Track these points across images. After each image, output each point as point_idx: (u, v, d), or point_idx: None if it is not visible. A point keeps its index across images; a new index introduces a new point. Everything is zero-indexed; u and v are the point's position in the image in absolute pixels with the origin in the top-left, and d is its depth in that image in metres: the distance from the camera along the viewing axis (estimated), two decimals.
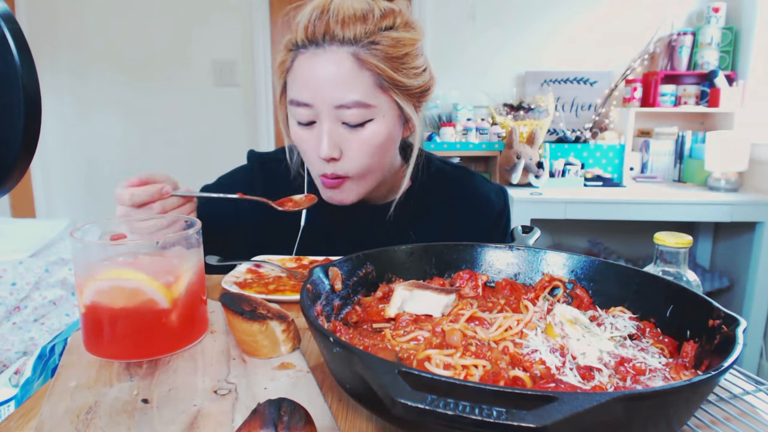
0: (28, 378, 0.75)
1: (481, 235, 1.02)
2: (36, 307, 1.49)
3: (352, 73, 0.78)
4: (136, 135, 3.14)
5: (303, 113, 0.82)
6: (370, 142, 0.83)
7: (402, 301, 0.61)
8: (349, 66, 0.78)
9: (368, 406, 0.45)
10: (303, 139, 0.85)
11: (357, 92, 0.79)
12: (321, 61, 0.79)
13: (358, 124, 0.82)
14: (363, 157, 0.84)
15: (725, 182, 2.46)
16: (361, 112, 0.80)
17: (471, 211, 1.02)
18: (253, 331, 0.56)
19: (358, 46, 0.79)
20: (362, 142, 0.83)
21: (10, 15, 0.47)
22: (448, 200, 1.02)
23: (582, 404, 0.33)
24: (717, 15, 2.63)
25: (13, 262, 1.48)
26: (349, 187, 0.87)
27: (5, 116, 0.47)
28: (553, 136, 2.83)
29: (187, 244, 0.60)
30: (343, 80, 0.78)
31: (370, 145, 0.83)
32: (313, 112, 0.81)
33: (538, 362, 0.49)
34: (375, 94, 0.81)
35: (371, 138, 0.83)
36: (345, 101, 0.79)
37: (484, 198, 1.04)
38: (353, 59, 0.78)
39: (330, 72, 0.78)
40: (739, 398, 0.53)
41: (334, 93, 0.79)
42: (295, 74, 0.83)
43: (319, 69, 0.79)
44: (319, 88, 0.79)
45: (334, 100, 0.79)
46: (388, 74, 0.80)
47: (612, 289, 0.65)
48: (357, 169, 0.85)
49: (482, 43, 2.84)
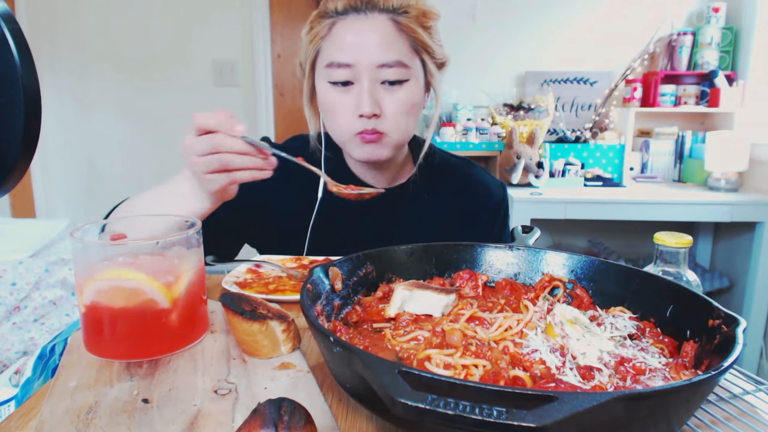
0: (29, 378, 0.75)
1: (482, 223, 1.07)
2: (36, 307, 1.49)
3: (393, 36, 0.88)
4: (136, 135, 3.13)
5: (342, 74, 0.89)
6: (406, 100, 0.91)
7: (402, 301, 0.61)
8: (390, 29, 0.88)
9: (368, 405, 0.45)
10: (338, 102, 0.91)
11: (398, 53, 0.88)
12: (364, 26, 0.87)
13: (395, 83, 0.89)
14: (399, 115, 0.91)
15: (725, 182, 2.46)
16: (400, 72, 0.89)
17: (472, 198, 1.07)
18: (253, 331, 0.56)
19: (395, 14, 0.88)
20: (399, 101, 0.90)
21: (10, 15, 0.47)
22: (451, 188, 1.07)
23: (582, 404, 0.33)
24: (717, 15, 2.63)
25: (13, 262, 1.48)
26: (386, 142, 0.94)
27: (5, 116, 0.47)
28: (553, 136, 2.83)
29: (187, 244, 0.60)
30: (386, 42, 0.87)
31: (405, 103, 0.91)
32: (352, 73, 0.88)
33: (538, 362, 0.49)
34: (411, 57, 0.90)
35: (406, 97, 0.91)
36: (387, 60, 0.87)
37: (485, 187, 1.09)
38: (393, 24, 0.88)
39: (373, 35, 0.87)
40: (739, 398, 0.53)
41: (377, 53, 0.87)
42: (334, 38, 0.89)
43: (363, 32, 0.87)
44: (363, 50, 0.87)
45: (377, 59, 0.87)
46: (421, 39, 0.90)
47: (612, 289, 0.65)
48: (394, 126, 0.92)
49: (482, 43, 2.84)
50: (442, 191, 1.06)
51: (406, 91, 0.91)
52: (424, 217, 1.05)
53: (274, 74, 3.11)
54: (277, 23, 3.06)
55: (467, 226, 1.07)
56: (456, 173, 1.09)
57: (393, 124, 0.92)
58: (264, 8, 2.98)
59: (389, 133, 0.92)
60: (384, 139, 0.93)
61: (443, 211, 1.06)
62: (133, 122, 3.12)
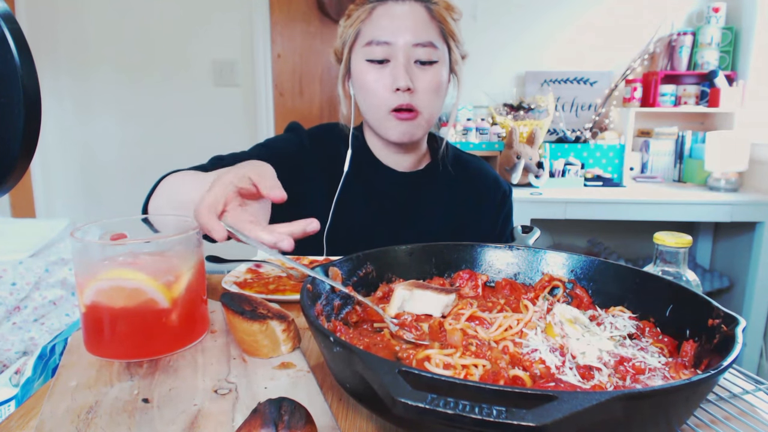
0: (29, 378, 0.75)
1: (490, 211, 1.14)
2: (36, 307, 1.49)
3: (426, 20, 0.98)
4: (136, 135, 3.13)
5: (380, 51, 0.98)
6: (435, 80, 0.99)
7: (402, 300, 0.61)
8: (424, 14, 0.99)
9: (368, 405, 0.45)
10: (374, 79, 0.99)
11: (430, 36, 0.98)
12: (402, 10, 0.98)
13: (427, 62, 0.98)
14: (430, 92, 1.00)
15: (725, 182, 2.46)
16: (431, 52, 0.98)
17: (482, 187, 1.16)
18: (253, 331, 0.56)
19: (428, 2, 1.00)
20: (429, 80, 0.99)
21: (10, 15, 0.47)
22: (463, 176, 1.15)
23: (582, 403, 0.33)
24: (717, 15, 2.63)
25: (13, 262, 1.48)
26: (419, 121, 1.01)
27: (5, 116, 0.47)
28: (553, 136, 2.83)
29: (187, 244, 0.60)
30: (420, 25, 0.97)
31: (435, 82, 0.99)
32: (389, 50, 0.97)
33: (538, 361, 0.49)
34: (440, 42, 1.00)
35: (435, 77, 0.99)
36: (421, 40, 0.97)
37: (493, 178, 1.18)
38: (426, 10, 0.99)
39: (410, 18, 0.97)
40: (739, 397, 0.53)
41: (414, 33, 0.97)
42: (374, 21, 0.99)
43: (401, 15, 0.97)
44: (400, 30, 0.97)
45: (413, 38, 0.97)
46: (449, 27, 1.01)
47: (612, 288, 0.65)
48: (426, 103, 1.00)
49: (482, 43, 2.84)
50: (455, 179, 1.14)
51: (435, 71, 0.99)
52: (438, 202, 1.12)
53: (274, 74, 3.11)
54: (277, 23, 3.06)
55: (476, 212, 1.14)
56: (467, 165, 1.17)
57: (425, 100, 1.00)
58: (264, 8, 2.98)
59: (422, 109, 1.00)
60: (417, 117, 1.01)
61: (455, 197, 1.13)
62: (133, 122, 3.12)
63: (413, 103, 0.99)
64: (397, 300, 0.61)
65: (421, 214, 1.11)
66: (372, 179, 1.10)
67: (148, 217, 0.73)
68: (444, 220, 1.11)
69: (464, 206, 1.13)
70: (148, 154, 3.14)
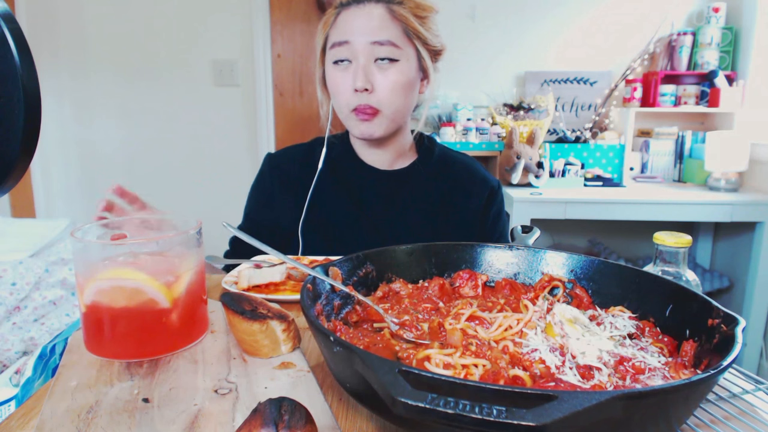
0: (29, 378, 0.75)
1: (477, 207, 1.14)
2: (36, 307, 1.49)
3: (386, 20, 1.00)
4: (136, 135, 3.13)
5: (341, 51, 1.00)
6: (396, 79, 1.00)
7: (249, 277, 0.80)
8: (383, 15, 1.00)
9: (369, 405, 0.45)
10: (338, 79, 1.02)
11: (390, 34, 0.99)
12: (361, 12, 1.00)
13: (387, 60, 1.00)
14: (390, 92, 1.01)
15: (725, 182, 2.46)
16: (392, 50, 0.99)
17: (469, 184, 1.16)
18: (253, 331, 0.56)
19: (391, 3, 1.00)
20: (390, 80, 1.00)
21: (10, 15, 0.47)
22: (450, 174, 1.16)
23: (581, 403, 0.33)
24: (717, 15, 2.63)
25: (13, 262, 1.48)
26: (378, 121, 1.03)
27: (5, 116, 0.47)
28: (553, 136, 2.83)
29: (188, 244, 0.60)
30: (378, 25, 0.99)
31: (395, 82, 1.00)
32: (350, 51, 1.00)
33: (538, 361, 0.49)
34: (403, 41, 1.01)
35: (397, 76, 1.00)
36: (380, 38, 0.98)
37: (481, 175, 1.18)
38: (386, 11, 1.00)
39: (369, 19, 0.99)
40: (739, 397, 0.53)
41: (371, 32, 0.99)
42: (337, 25, 1.02)
43: (360, 17, 1.00)
44: (359, 31, 0.99)
45: (371, 37, 0.98)
46: (413, 26, 1.01)
47: (611, 288, 0.65)
48: (387, 102, 1.01)
49: (482, 43, 2.84)
50: (441, 177, 1.15)
51: (396, 69, 1.00)
52: (422, 199, 1.13)
53: (274, 74, 3.11)
54: (277, 23, 3.06)
55: (463, 209, 1.14)
56: (454, 163, 1.18)
57: (385, 99, 1.01)
58: (264, 8, 2.98)
59: (382, 108, 1.02)
60: (378, 116, 1.02)
61: (441, 194, 1.14)
62: (133, 122, 3.12)
63: (371, 103, 1.01)
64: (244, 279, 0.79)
65: (403, 211, 1.12)
66: (351, 177, 1.13)
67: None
68: (427, 217, 1.12)
69: (450, 203, 1.13)
70: (148, 154, 3.14)
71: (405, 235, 1.08)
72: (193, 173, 3.12)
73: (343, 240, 1.09)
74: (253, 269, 0.82)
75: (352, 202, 1.12)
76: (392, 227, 1.11)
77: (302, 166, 1.14)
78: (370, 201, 1.12)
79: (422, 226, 1.11)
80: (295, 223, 1.10)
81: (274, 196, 1.14)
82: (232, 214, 1.24)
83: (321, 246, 1.08)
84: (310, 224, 1.10)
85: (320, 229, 1.10)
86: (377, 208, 1.12)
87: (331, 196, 1.12)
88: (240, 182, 1.21)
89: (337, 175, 1.13)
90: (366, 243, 0.96)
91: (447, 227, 1.12)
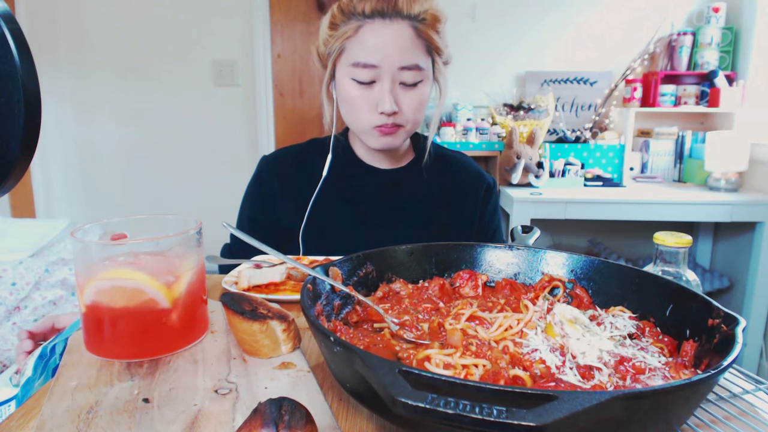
0: (29, 378, 0.75)
1: (474, 204, 1.15)
2: (36, 307, 1.48)
3: (413, 41, 0.97)
4: (136, 135, 3.13)
5: (366, 74, 0.97)
6: (419, 99, 1.01)
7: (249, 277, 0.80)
8: (411, 35, 0.97)
9: (369, 405, 0.45)
10: (359, 98, 1.00)
11: (417, 57, 0.98)
12: (390, 31, 0.95)
13: (413, 84, 0.99)
14: (414, 111, 1.02)
15: (725, 182, 2.46)
16: (417, 74, 0.99)
17: (465, 180, 1.17)
18: (253, 331, 0.56)
19: (415, 21, 0.97)
20: (414, 99, 1.00)
21: (10, 15, 0.47)
22: (446, 171, 1.17)
23: (582, 403, 0.33)
24: (717, 15, 2.63)
25: (13, 262, 1.48)
26: (400, 134, 1.04)
27: (5, 116, 0.47)
28: (553, 136, 2.83)
29: (187, 244, 0.60)
30: (408, 47, 0.96)
31: (419, 101, 1.01)
32: (376, 73, 0.97)
33: (538, 361, 0.49)
34: (425, 60, 1.00)
35: (420, 95, 1.01)
36: (408, 63, 0.97)
37: (477, 172, 1.19)
38: (413, 30, 0.97)
39: (398, 40, 0.95)
40: (739, 397, 0.53)
41: (401, 56, 0.96)
42: (360, 40, 0.97)
43: (389, 37, 0.95)
44: (388, 53, 0.96)
45: (401, 62, 0.96)
46: (435, 43, 0.99)
47: (612, 288, 0.65)
48: (410, 122, 1.03)
49: (482, 43, 2.84)
50: (438, 174, 1.16)
51: (419, 91, 1.01)
52: (420, 197, 1.14)
53: (274, 74, 3.11)
54: (277, 23, 3.06)
55: (460, 205, 1.15)
56: (450, 160, 1.19)
57: (409, 117, 1.02)
58: (264, 8, 2.98)
59: (405, 124, 1.03)
60: (400, 130, 1.03)
61: (438, 192, 1.15)
62: (133, 122, 3.12)
63: (397, 122, 1.01)
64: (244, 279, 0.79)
65: (402, 209, 1.13)
66: (351, 177, 1.13)
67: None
68: (426, 214, 1.13)
69: (447, 200, 1.14)
70: (148, 154, 3.14)
71: (405, 234, 1.08)
72: (193, 173, 3.12)
73: (343, 241, 1.09)
74: (253, 269, 0.82)
75: (352, 202, 1.12)
76: (392, 226, 1.11)
77: (300, 169, 1.13)
78: (371, 201, 1.12)
79: (421, 224, 1.12)
80: (295, 225, 1.10)
81: (273, 198, 1.13)
82: (232, 214, 1.24)
83: (322, 247, 1.08)
84: (311, 227, 1.10)
85: (321, 232, 1.10)
86: (378, 207, 1.12)
87: (331, 197, 1.11)
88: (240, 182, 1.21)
89: (338, 176, 1.12)
90: (367, 243, 0.97)
91: (445, 223, 1.13)
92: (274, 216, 1.13)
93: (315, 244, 1.09)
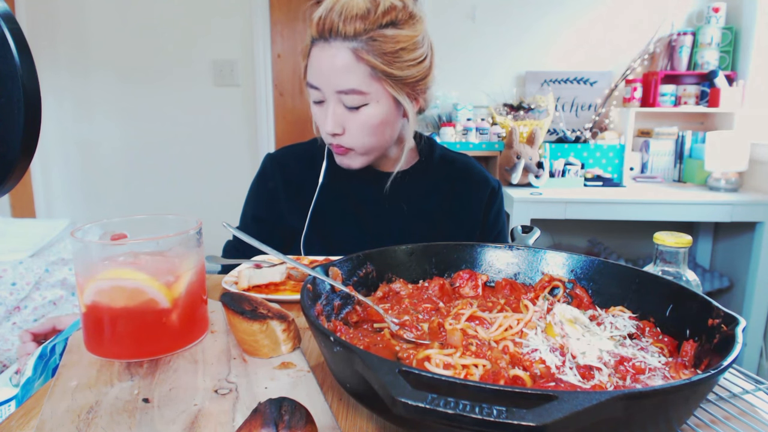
0: (29, 378, 0.75)
1: (477, 208, 1.14)
2: (36, 307, 1.48)
3: (350, 65, 0.93)
4: (135, 134, 3.14)
5: (314, 94, 0.99)
6: (366, 122, 0.97)
7: (249, 277, 0.80)
8: (347, 59, 0.93)
9: (369, 405, 0.45)
10: (316, 115, 1.02)
11: (353, 81, 0.94)
12: (327, 54, 0.94)
13: (355, 107, 0.96)
14: (361, 135, 0.99)
15: (725, 182, 2.46)
16: (357, 98, 0.95)
17: (470, 183, 1.16)
18: (253, 331, 0.56)
19: (357, 42, 0.92)
20: (359, 123, 0.97)
21: (10, 15, 0.47)
22: (451, 174, 1.16)
23: (582, 403, 0.33)
24: (717, 15, 2.63)
25: (13, 262, 1.48)
26: (353, 156, 1.03)
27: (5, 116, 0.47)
28: (553, 136, 2.83)
29: (187, 244, 0.60)
30: (342, 71, 0.93)
31: (365, 125, 0.98)
32: (321, 94, 0.97)
33: (538, 361, 0.49)
34: (369, 83, 0.95)
35: (366, 119, 0.97)
36: (343, 87, 0.94)
37: (482, 175, 1.18)
38: (351, 54, 0.92)
39: (333, 63, 0.93)
40: (739, 397, 0.53)
41: (335, 80, 0.94)
42: (310, 61, 0.98)
43: (326, 60, 0.94)
44: (325, 76, 0.95)
45: (335, 86, 0.95)
46: (381, 68, 0.94)
47: (612, 288, 0.65)
48: (358, 143, 1.00)
49: (482, 43, 2.84)
50: (442, 177, 1.15)
51: (365, 114, 0.97)
52: (423, 199, 1.13)
53: (274, 74, 3.11)
54: (277, 23, 3.06)
55: (464, 208, 1.14)
56: (455, 163, 1.18)
57: (356, 141, 1.00)
58: (264, 8, 2.98)
59: (353, 147, 1.01)
60: (350, 153, 1.03)
61: (442, 194, 1.14)
62: (133, 122, 3.12)
63: (342, 143, 1.00)
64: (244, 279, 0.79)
65: (405, 211, 1.12)
66: (354, 179, 1.12)
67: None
68: (430, 217, 1.12)
69: (451, 203, 1.13)
70: (148, 154, 3.14)
71: (407, 236, 1.08)
72: (193, 173, 3.12)
73: (344, 241, 1.09)
74: (253, 269, 0.82)
75: (354, 204, 1.12)
76: (394, 228, 1.11)
77: (304, 167, 1.14)
78: (372, 203, 1.12)
79: (424, 226, 1.11)
80: (297, 224, 1.10)
81: (277, 195, 1.13)
82: (232, 213, 1.24)
83: (323, 248, 1.08)
84: (314, 228, 1.10)
85: (323, 233, 1.10)
86: (379, 209, 1.12)
87: (332, 199, 1.11)
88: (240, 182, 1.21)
89: (340, 177, 1.12)
90: (369, 245, 0.96)
91: (448, 227, 1.12)
92: (277, 213, 1.13)
93: (317, 245, 1.09)
